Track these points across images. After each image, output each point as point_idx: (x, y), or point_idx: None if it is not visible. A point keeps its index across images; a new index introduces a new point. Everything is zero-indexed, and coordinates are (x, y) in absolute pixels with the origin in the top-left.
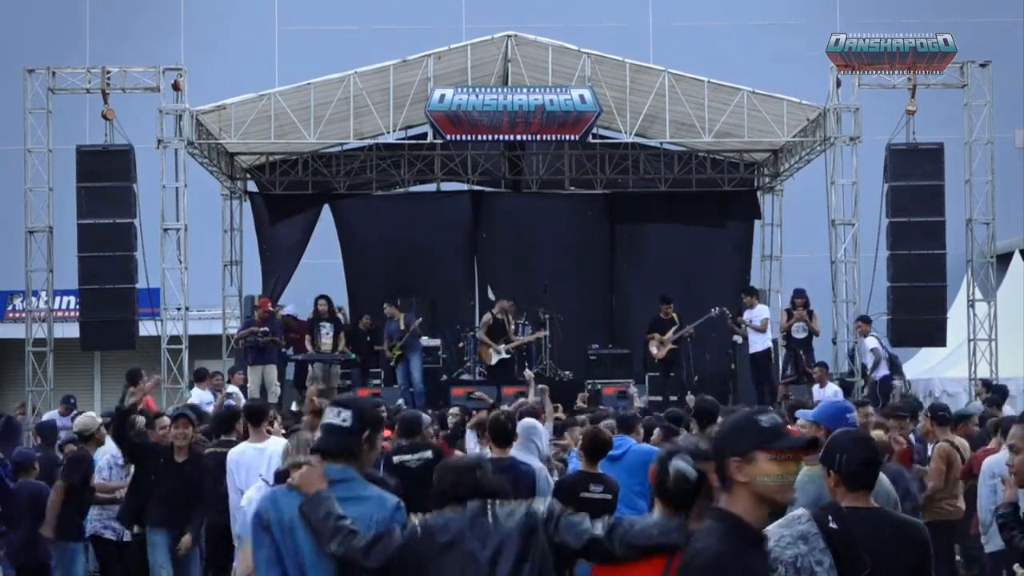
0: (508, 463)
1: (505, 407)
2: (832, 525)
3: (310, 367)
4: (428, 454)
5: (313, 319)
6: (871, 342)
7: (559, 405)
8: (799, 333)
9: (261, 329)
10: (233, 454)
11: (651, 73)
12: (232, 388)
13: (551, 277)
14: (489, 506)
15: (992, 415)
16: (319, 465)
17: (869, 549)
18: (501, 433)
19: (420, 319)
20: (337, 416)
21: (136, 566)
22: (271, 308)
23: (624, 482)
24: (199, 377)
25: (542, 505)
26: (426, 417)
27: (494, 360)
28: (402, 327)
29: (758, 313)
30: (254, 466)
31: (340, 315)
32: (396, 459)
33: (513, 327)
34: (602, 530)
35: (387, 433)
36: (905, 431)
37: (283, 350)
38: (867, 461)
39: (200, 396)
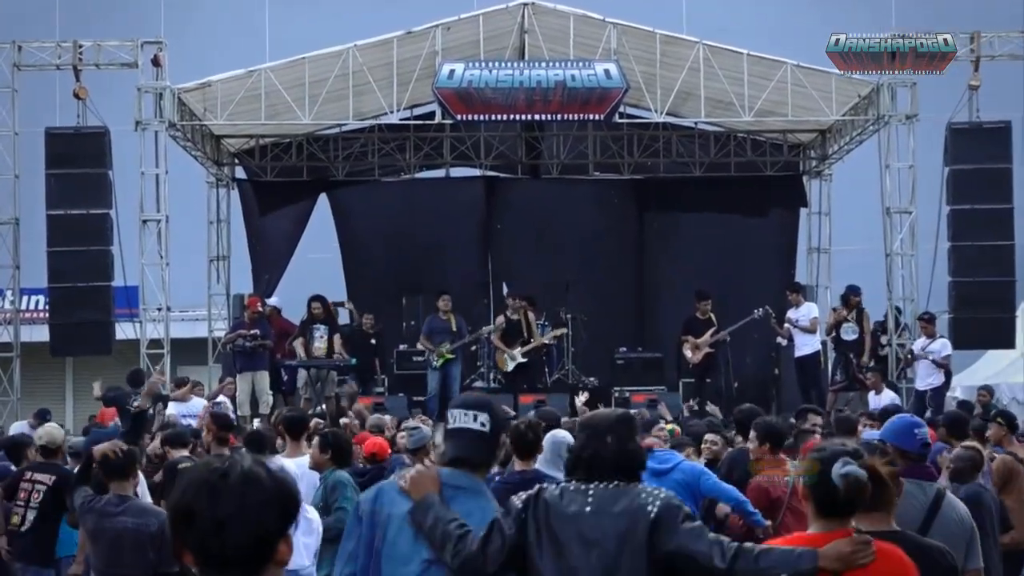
0: (532, 476)
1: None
2: None
3: (304, 374)
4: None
5: (306, 321)
6: (920, 342)
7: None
8: (849, 335)
9: (250, 332)
10: None
11: (684, 45)
12: (220, 398)
13: (573, 273)
14: (591, 487)
15: None
16: (432, 467)
17: None
18: (523, 444)
19: (492, 326)
20: (472, 420)
21: None
22: (261, 308)
23: None
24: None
25: (655, 498)
26: (426, 431)
27: (510, 366)
28: (453, 328)
29: (805, 312)
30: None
31: (349, 310)
32: None
33: (532, 329)
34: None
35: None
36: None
37: (277, 356)
38: (878, 480)
39: (177, 407)
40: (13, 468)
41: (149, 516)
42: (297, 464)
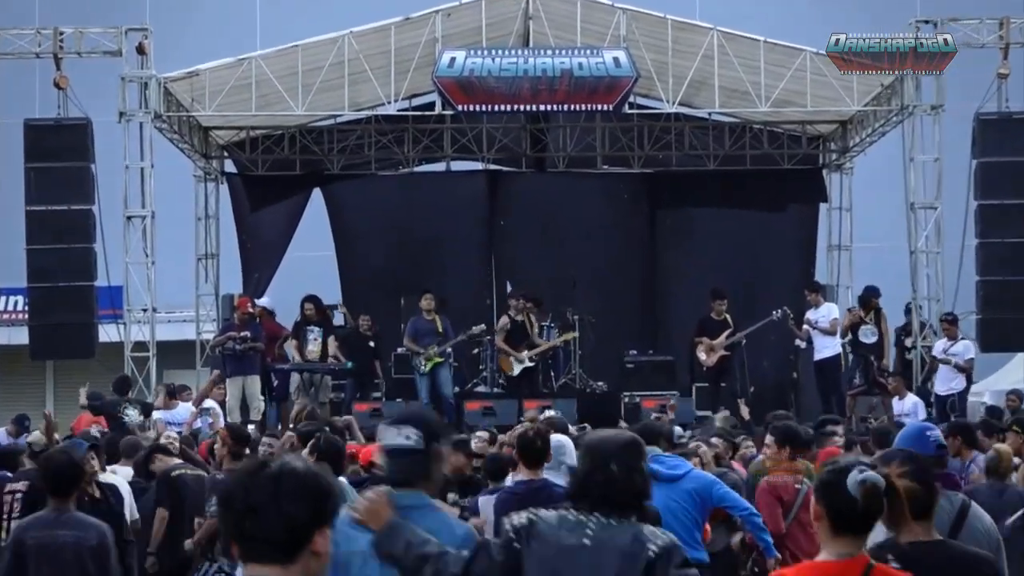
0: (540, 485)
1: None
2: (893, 565)
3: (297, 378)
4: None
5: (299, 323)
6: (939, 345)
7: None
8: (868, 337)
9: (241, 334)
10: None
11: (697, 31)
12: (210, 403)
13: (581, 272)
14: (591, 519)
15: None
16: (383, 492)
17: None
18: (531, 452)
19: (484, 326)
20: (399, 435)
21: None
22: (251, 309)
23: (679, 508)
24: (170, 393)
25: (656, 538)
26: None
27: (516, 370)
28: (439, 329)
29: (825, 313)
30: None
31: (343, 314)
32: None
33: (536, 330)
34: None
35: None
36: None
37: (268, 360)
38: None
39: (164, 415)
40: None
41: (89, 529)
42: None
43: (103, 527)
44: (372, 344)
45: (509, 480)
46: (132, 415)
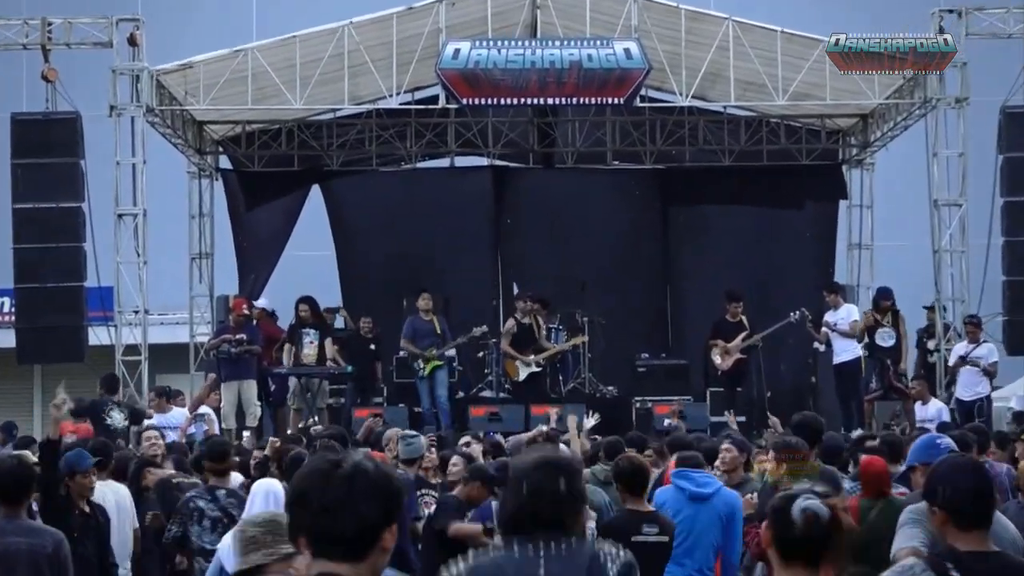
0: None
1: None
2: (953, 574)
3: (294, 383)
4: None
5: (294, 325)
6: (960, 348)
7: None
8: (885, 340)
9: (236, 337)
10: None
11: (712, 22)
12: (205, 409)
13: (590, 272)
14: (545, 546)
15: None
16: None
17: None
18: None
19: (486, 327)
20: None
21: None
22: (247, 311)
23: (705, 531)
24: (164, 395)
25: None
26: (422, 441)
27: (522, 375)
28: (437, 331)
29: (844, 314)
30: None
31: (344, 318)
32: None
33: (544, 333)
34: None
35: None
36: None
37: (265, 363)
38: (976, 492)
39: (157, 420)
40: None
41: (44, 536)
42: None
43: (59, 534)
44: (373, 347)
45: None
46: (117, 419)
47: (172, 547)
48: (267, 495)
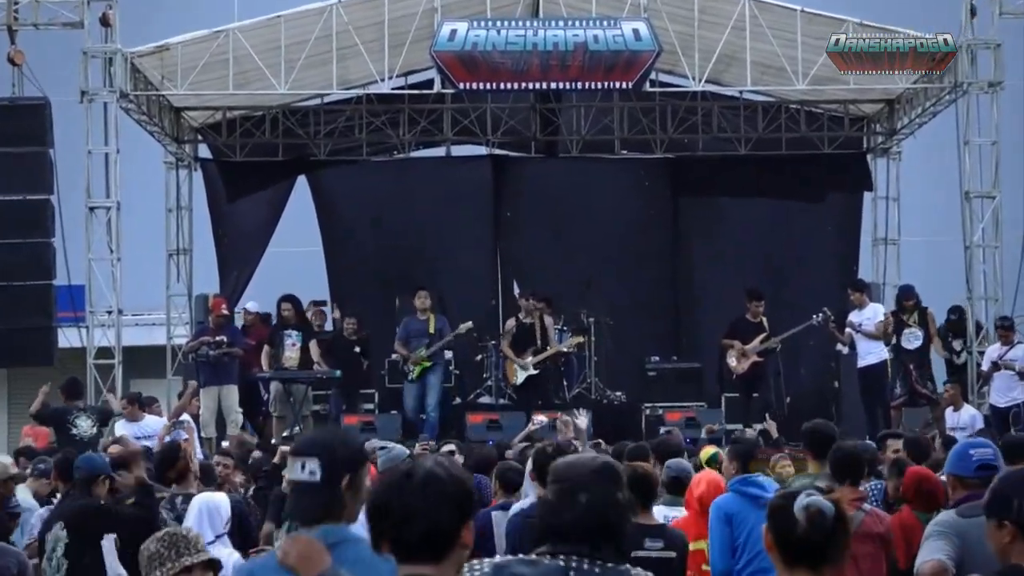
0: None
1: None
2: None
3: (271, 389)
4: None
5: (276, 327)
6: (993, 351)
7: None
8: (911, 342)
9: (216, 339)
10: None
11: (727, 0)
12: (184, 416)
13: (596, 269)
14: (575, 566)
15: None
16: (310, 534)
17: None
18: (547, 468)
19: (471, 323)
20: (302, 470)
21: None
22: (226, 311)
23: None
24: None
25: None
26: (400, 449)
27: (519, 378)
28: (431, 330)
29: (870, 314)
30: None
31: (335, 319)
32: None
33: (552, 334)
34: None
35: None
36: None
37: (254, 370)
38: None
39: (126, 427)
40: None
41: (8, 557)
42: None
43: (22, 554)
44: (358, 349)
45: (523, 501)
46: (83, 426)
47: None
48: (200, 511)
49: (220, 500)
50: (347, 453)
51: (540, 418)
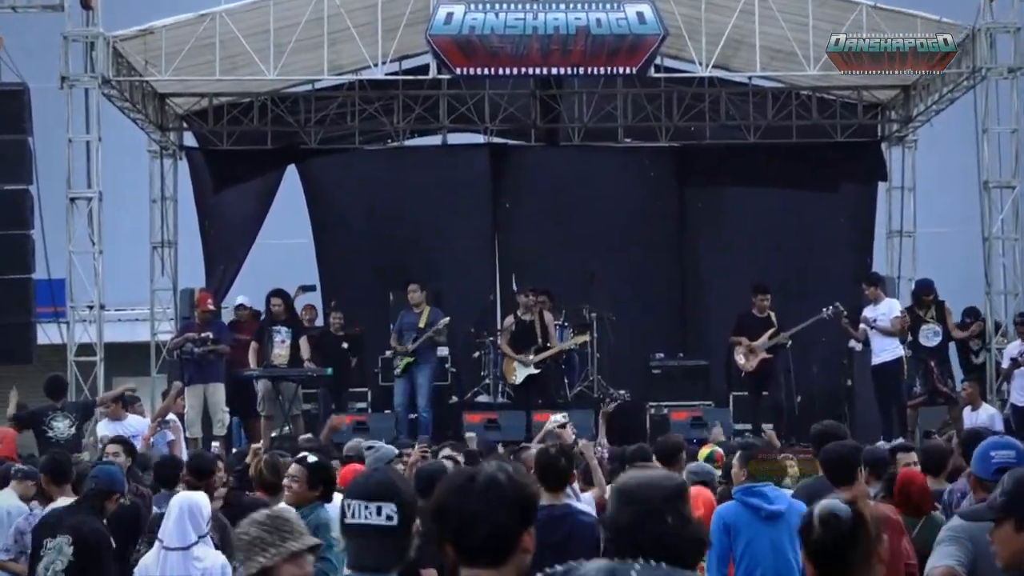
0: (563, 512)
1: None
2: None
3: (259, 387)
4: None
5: (264, 322)
6: (1012, 348)
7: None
8: (930, 339)
9: (201, 335)
10: None
11: None
12: (170, 416)
13: (599, 262)
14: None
15: None
16: None
17: None
18: (554, 473)
19: (448, 318)
20: (375, 513)
21: None
22: (211, 306)
23: (785, 549)
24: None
25: None
26: (388, 449)
27: (519, 377)
28: (422, 324)
29: (885, 309)
30: None
31: (333, 318)
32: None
33: (553, 331)
34: None
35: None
36: None
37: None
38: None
39: (109, 427)
40: None
41: None
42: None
43: None
44: (346, 345)
45: None
46: (60, 428)
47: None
48: (181, 510)
49: (200, 499)
50: (414, 496)
51: (557, 416)
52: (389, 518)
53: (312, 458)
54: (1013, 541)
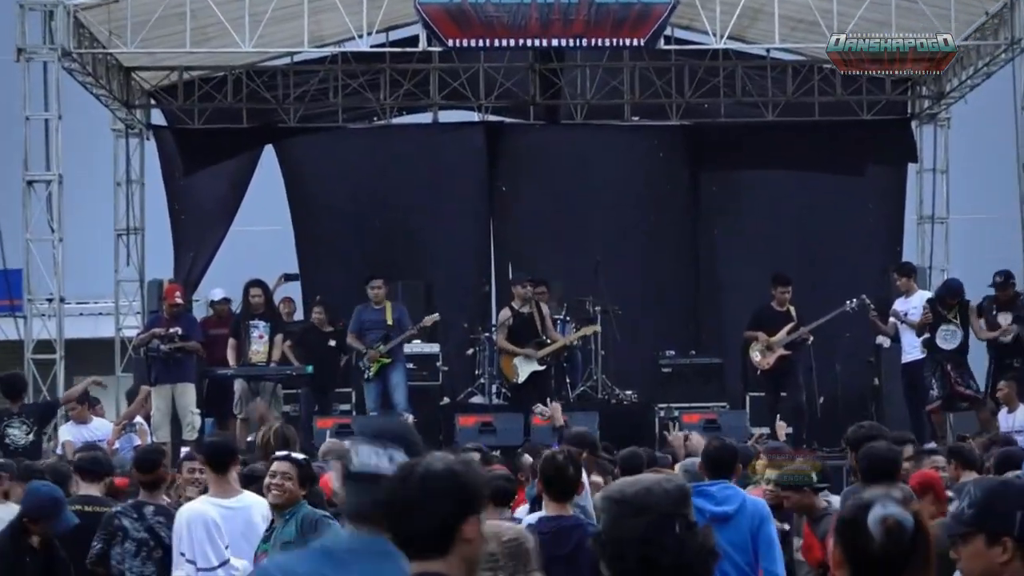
0: (572, 524)
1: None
2: None
3: (236, 387)
4: None
5: (241, 315)
6: None
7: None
8: (948, 341)
9: (169, 331)
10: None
11: None
12: (137, 419)
13: (604, 251)
14: None
15: None
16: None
17: None
18: (561, 481)
19: (437, 315)
20: (377, 455)
21: None
22: (179, 299)
23: (736, 551)
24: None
25: None
26: None
27: (522, 375)
28: (389, 321)
29: (918, 302)
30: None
31: (316, 312)
32: None
33: (550, 324)
34: None
35: None
36: None
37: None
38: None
39: (74, 431)
40: None
41: None
42: (227, 506)
43: None
44: (332, 343)
45: (531, 516)
46: (16, 435)
47: (94, 566)
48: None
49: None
50: (420, 444)
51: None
52: (392, 462)
53: (298, 455)
54: (983, 557)
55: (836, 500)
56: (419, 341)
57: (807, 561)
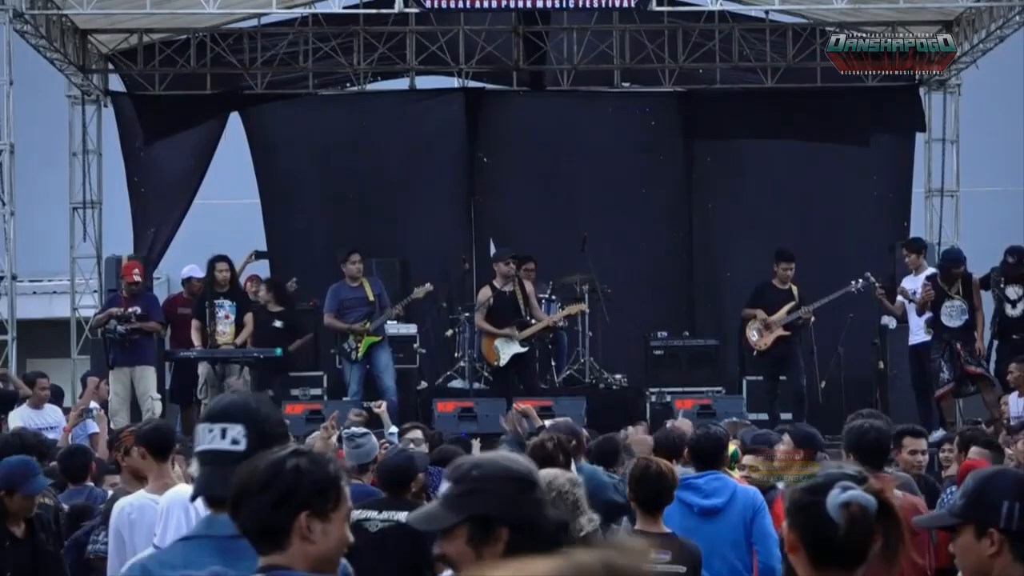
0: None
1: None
2: None
3: (200, 371)
4: (400, 517)
5: (205, 294)
6: None
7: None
8: (954, 318)
9: (129, 310)
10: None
11: None
12: (92, 404)
13: (592, 225)
14: None
15: None
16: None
17: None
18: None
19: (430, 285)
20: (222, 437)
21: None
22: (138, 277)
23: (726, 548)
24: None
25: None
26: (374, 441)
27: (504, 357)
28: (370, 298)
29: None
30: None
31: (264, 289)
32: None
33: (534, 303)
34: None
35: None
36: None
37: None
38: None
39: (27, 417)
40: None
41: None
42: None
43: None
44: (279, 323)
45: None
46: None
47: (99, 563)
48: (187, 510)
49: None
50: (275, 420)
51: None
52: (235, 442)
53: None
54: (974, 550)
55: None
56: (395, 322)
57: None
